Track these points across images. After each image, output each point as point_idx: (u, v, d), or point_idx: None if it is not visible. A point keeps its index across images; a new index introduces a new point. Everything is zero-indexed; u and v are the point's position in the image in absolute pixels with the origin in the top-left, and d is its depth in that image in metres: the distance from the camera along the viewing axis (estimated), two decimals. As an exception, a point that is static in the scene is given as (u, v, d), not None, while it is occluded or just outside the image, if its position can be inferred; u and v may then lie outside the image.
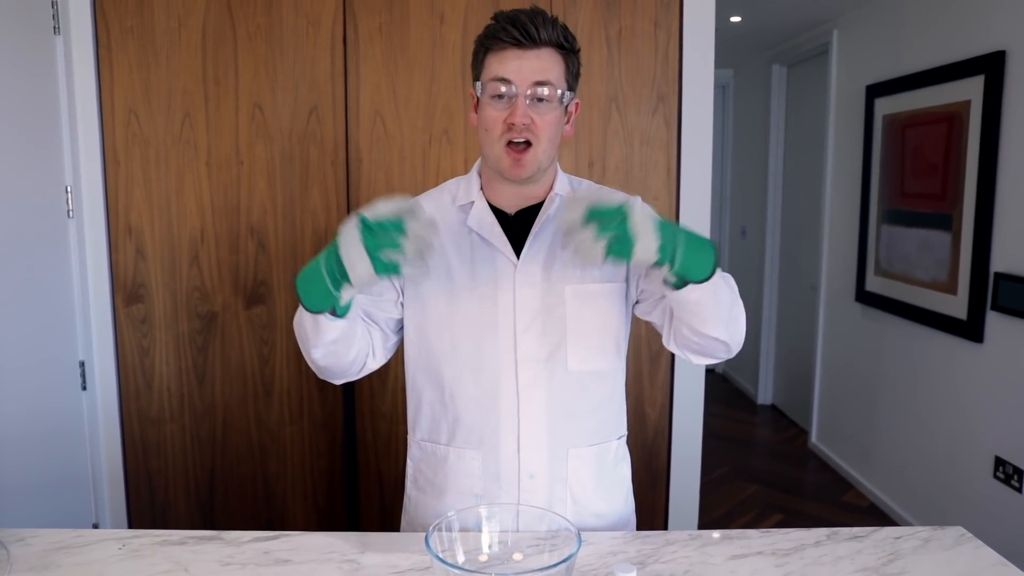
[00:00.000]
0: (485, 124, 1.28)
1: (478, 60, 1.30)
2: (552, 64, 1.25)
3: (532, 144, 1.26)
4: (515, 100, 1.24)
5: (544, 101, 1.25)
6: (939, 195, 3.20)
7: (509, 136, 1.25)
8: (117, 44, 2.31)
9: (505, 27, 1.23)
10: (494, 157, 1.29)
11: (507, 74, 1.24)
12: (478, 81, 1.30)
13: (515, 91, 1.24)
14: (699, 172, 2.40)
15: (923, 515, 3.36)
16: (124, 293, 2.39)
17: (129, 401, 2.43)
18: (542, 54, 1.24)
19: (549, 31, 1.24)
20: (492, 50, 1.26)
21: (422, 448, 1.43)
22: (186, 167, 2.35)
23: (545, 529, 1.12)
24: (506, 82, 1.24)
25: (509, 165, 1.27)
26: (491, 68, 1.26)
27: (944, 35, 3.20)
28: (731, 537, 1.33)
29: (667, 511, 2.51)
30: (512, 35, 1.23)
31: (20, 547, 1.28)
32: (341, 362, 1.32)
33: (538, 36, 1.23)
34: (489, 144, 1.29)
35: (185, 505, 2.48)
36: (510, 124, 1.24)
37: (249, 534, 1.33)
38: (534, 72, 1.24)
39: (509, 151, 1.27)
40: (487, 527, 1.14)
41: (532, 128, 1.25)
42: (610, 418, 1.42)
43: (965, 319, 3.02)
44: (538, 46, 1.24)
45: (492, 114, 1.26)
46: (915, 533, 1.34)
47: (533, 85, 1.24)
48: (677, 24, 2.35)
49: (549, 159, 1.31)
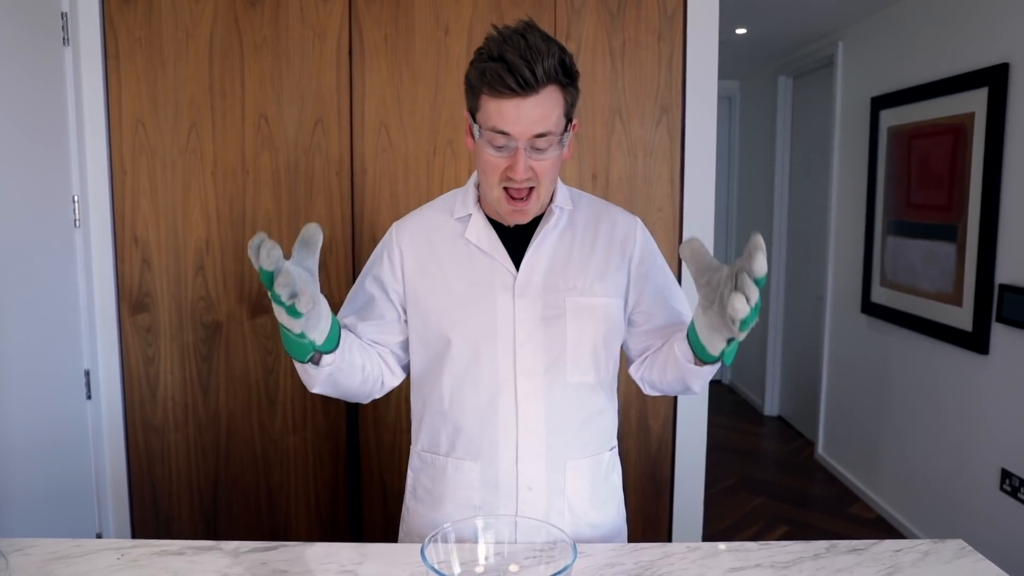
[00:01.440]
0: (483, 168, 1.27)
1: (473, 94, 1.26)
2: (552, 107, 1.21)
3: (535, 188, 1.26)
4: (515, 152, 1.21)
5: (543, 149, 1.23)
6: (944, 206, 3.19)
7: (508, 184, 1.25)
8: (125, 55, 2.32)
9: (500, 73, 1.17)
10: (494, 200, 1.29)
11: (506, 127, 1.20)
12: (475, 121, 1.26)
13: (514, 144, 1.21)
14: (703, 184, 2.40)
15: (930, 528, 3.34)
16: (129, 302, 2.40)
17: (133, 410, 2.44)
18: (541, 98, 1.19)
19: (547, 67, 1.18)
20: (487, 94, 1.21)
21: (422, 459, 1.43)
22: (192, 177, 2.36)
23: (542, 541, 1.11)
24: (505, 135, 1.20)
25: (510, 212, 1.28)
26: (489, 114, 1.21)
27: (949, 47, 3.20)
28: (730, 549, 1.32)
29: (671, 523, 2.50)
30: (508, 84, 1.17)
31: (19, 556, 1.28)
32: (347, 391, 1.35)
33: (535, 80, 1.17)
34: (488, 187, 1.28)
35: (188, 515, 2.48)
36: (509, 177, 1.23)
37: (247, 544, 1.33)
38: (533, 124, 1.19)
39: (509, 198, 1.26)
40: (484, 538, 1.14)
41: (534, 176, 1.24)
42: (604, 429, 1.43)
43: (970, 331, 3.00)
44: (537, 90, 1.18)
45: (491, 161, 1.24)
46: (915, 546, 1.33)
47: (533, 137, 1.21)
48: (681, 36, 2.35)
49: (549, 195, 1.32)
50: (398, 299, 1.40)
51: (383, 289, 1.40)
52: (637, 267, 1.39)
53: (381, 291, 1.40)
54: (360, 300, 1.43)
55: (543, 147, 1.22)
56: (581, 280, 1.34)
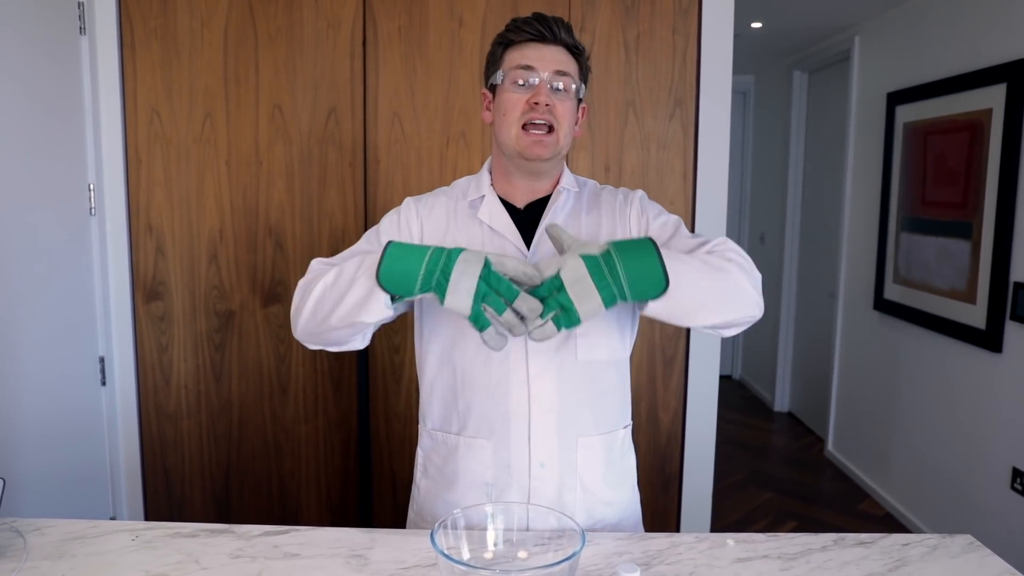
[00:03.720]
0: (503, 108, 1.33)
1: (496, 57, 1.37)
2: (569, 59, 1.34)
3: (554, 128, 1.31)
4: (538, 86, 1.31)
5: (561, 91, 1.32)
6: (959, 203, 3.18)
7: (529, 117, 1.30)
8: (141, 44, 2.35)
9: (524, 25, 1.32)
10: (512, 139, 1.32)
11: (530, 62, 1.31)
12: (498, 71, 1.35)
13: (537, 78, 1.31)
14: (716, 177, 2.40)
15: (939, 525, 3.33)
16: (144, 290, 2.43)
17: (147, 397, 2.47)
18: (559, 49, 1.33)
19: (564, 33, 1.33)
20: (513, 45, 1.34)
21: (433, 437, 1.45)
22: (206, 167, 2.38)
23: (551, 528, 1.13)
24: (529, 68, 1.31)
25: (529, 143, 1.31)
26: (512, 59, 1.33)
27: (966, 42, 3.18)
28: (737, 540, 1.33)
29: (679, 516, 2.51)
30: (534, 28, 1.32)
31: (36, 536, 1.31)
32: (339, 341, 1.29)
33: (555, 34, 1.32)
34: (506, 128, 1.33)
35: (201, 501, 2.51)
36: (533, 104, 1.30)
37: (259, 528, 1.35)
38: (555, 62, 1.32)
39: (527, 133, 1.31)
40: (493, 524, 1.15)
41: (553, 112, 1.31)
42: (617, 407, 1.44)
43: (984, 328, 2.99)
44: (556, 42, 1.33)
45: (512, 97, 1.32)
46: (923, 540, 1.33)
47: (555, 73, 1.31)
48: (696, 30, 2.35)
49: (567, 145, 1.36)
50: None
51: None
52: (636, 221, 1.40)
53: None
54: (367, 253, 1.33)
55: (563, 88, 1.32)
56: None
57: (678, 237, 1.35)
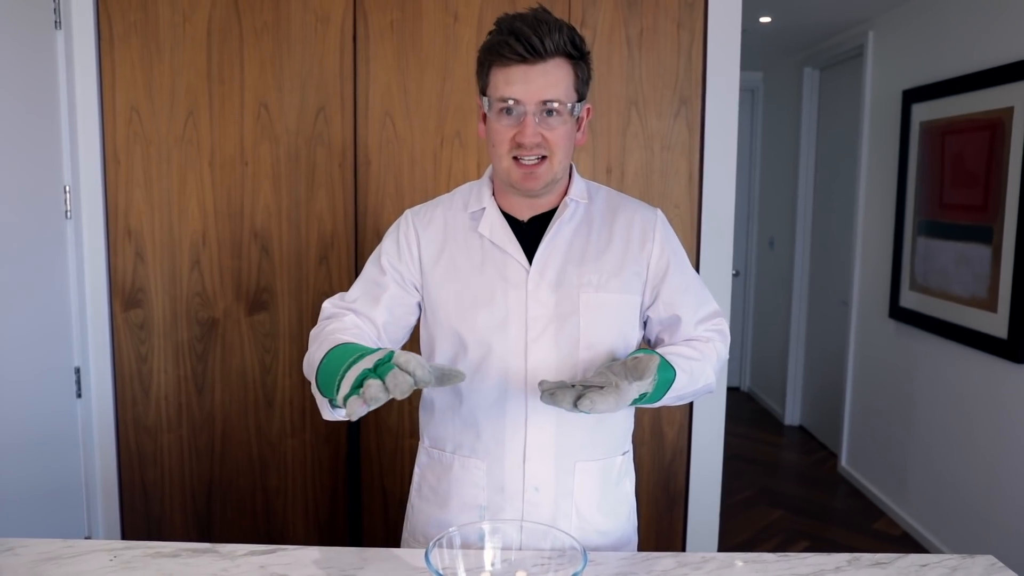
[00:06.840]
0: (492, 138, 1.31)
1: (483, 71, 1.32)
2: (560, 77, 1.27)
3: (547, 157, 1.29)
4: (524, 118, 1.27)
5: (554, 115, 1.28)
6: (979, 207, 3.19)
7: (518, 153, 1.28)
8: (120, 39, 2.35)
9: (508, 41, 1.24)
10: (503, 171, 1.32)
11: (514, 94, 1.26)
12: (484, 96, 1.32)
13: (523, 110, 1.26)
14: (723, 179, 2.41)
15: (959, 546, 3.33)
16: (122, 298, 2.43)
17: (125, 409, 2.47)
18: (549, 67, 1.25)
19: (555, 39, 1.24)
20: (497, 65, 1.28)
21: (429, 455, 1.46)
22: (188, 168, 2.39)
23: (550, 547, 1.13)
24: (513, 101, 1.26)
25: (520, 177, 1.30)
26: (497, 85, 1.28)
27: (986, 37, 3.20)
28: (746, 560, 1.34)
29: (684, 535, 2.51)
30: (516, 50, 1.23)
31: (9, 557, 1.30)
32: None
33: (543, 48, 1.23)
34: (498, 159, 1.32)
35: (181, 518, 2.50)
36: (519, 143, 1.27)
37: (245, 547, 1.35)
38: (541, 90, 1.25)
39: (519, 165, 1.29)
40: (490, 543, 1.16)
41: (545, 143, 1.28)
42: (617, 432, 1.44)
43: (1005, 338, 3.00)
44: (544, 59, 1.25)
45: (500, 129, 1.29)
46: (942, 561, 1.34)
47: (540, 104, 1.26)
48: (702, 24, 2.36)
49: (563, 170, 1.34)
50: (413, 283, 1.41)
51: (398, 272, 1.41)
52: (655, 265, 1.41)
53: (396, 275, 1.41)
54: (374, 283, 1.41)
55: (553, 116, 1.28)
56: (596, 276, 1.36)
57: (686, 307, 1.43)
